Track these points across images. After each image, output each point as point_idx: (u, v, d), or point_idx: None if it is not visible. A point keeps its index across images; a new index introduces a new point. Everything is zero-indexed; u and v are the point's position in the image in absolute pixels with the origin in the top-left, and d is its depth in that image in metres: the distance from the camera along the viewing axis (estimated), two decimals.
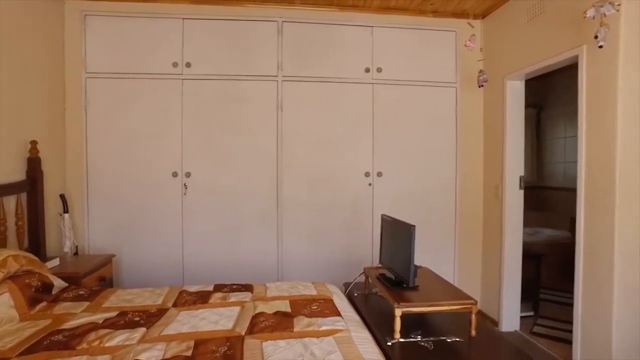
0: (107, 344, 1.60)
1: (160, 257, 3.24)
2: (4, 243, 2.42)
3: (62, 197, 3.02)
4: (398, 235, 2.18)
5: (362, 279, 2.55)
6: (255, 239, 3.34)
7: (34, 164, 2.71)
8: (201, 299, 2.16)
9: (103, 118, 3.18)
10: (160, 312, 1.97)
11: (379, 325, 1.98)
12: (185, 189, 3.26)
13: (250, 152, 3.33)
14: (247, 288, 2.36)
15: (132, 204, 3.22)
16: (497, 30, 3.43)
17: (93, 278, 2.70)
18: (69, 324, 1.79)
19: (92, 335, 1.66)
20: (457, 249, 3.62)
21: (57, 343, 1.60)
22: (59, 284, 2.28)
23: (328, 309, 2.02)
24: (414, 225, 2.02)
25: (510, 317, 3.32)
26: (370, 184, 3.47)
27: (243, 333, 1.74)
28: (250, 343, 1.64)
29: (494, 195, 3.46)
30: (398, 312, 1.85)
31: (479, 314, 2.67)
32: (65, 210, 3.00)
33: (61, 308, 2.01)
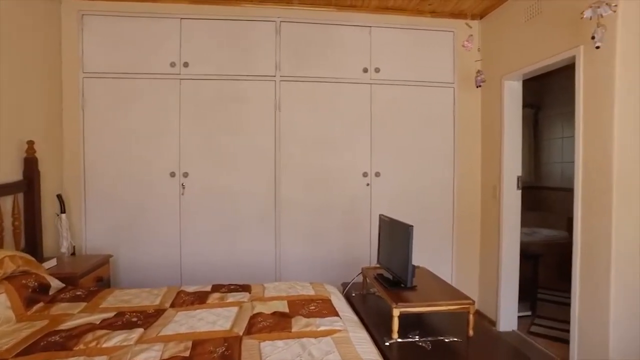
0: (105, 345, 1.60)
1: (157, 258, 3.24)
2: (0, 243, 2.41)
3: (59, 197, 3.01)
4: (396, 236, 2.18)
5: (360, 279, 2.55)
6: (253, 239, 3.34)
7: (30, 164, 2.71)
8: (199, 299, 2.16)
9: (100, 118, 3.18)
10: (158, 313, 1.96)
11: (377, 326, 1.98)
12: (183, 189, 3.25)
13: (248, 152, 3.33)
14: (245, 288, 2.36)
15: (130, 204, 3.21)
16: (495, 31, 3.44)
17: (90, 278, 2.70)
18: (66, 325, 1.79)
19: (90, 336, 1.65)
20: (455, 249, 3.62)
21: (54, 344, 1.59)
22: (56, 284, 2.27)
23: (326, 309, 2.02)
24: (412, 226, 2.02)
25: (508, 317, 3.33)
26: (368, 184, 3.47)
27: (241, 333, 1.74)
28: (248, 343, 1.64)
29: (491, 195, 3.47)
30: (396, 312, 1.85)
31: (477, 313, 2.68)
32: (63, 211, 2.99)
33: (58, 309, 2.00)
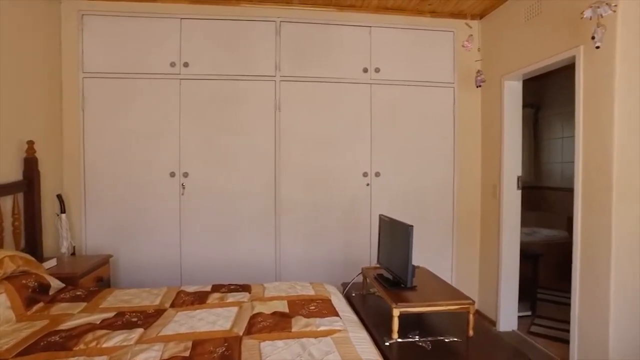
0: (105, 345, 1.60)
1: (157, 258, 3.24)
2: (0, 243, 2.41)
3: (59, 197, 3.01)
4: (396, 236, 2.18)
5: (360, 279, 2.55)
6: (253, 239, 3.34)
7: (30, 164, 2.71)
8: (199, 299, 2.16)
9: (100, 118, 3.18)
10: (158, 313, 1.96)
11: (377, 326, 1.98)
12: (183, 189, 3.25)
13: (247, 153, 3.33)
14: (245, 288, 2.35)
15: (130, 204, 3.21)
16: (495, 31, 3.44)
17: (90, 278, 2.70)
18: (66, 325, 1.79)
19: (90, 336, 1.65)
20: (455, 249, 3.62)
21: (54, 344, 1.59)
22: (56, 284, 2.27)
23: (326, 309, 2.02)
24: (412, 226, 2.02)
25: (508, 317, 3.33)
26: (368, 184, 3.47)
27: (241, 333, 1.74)
28: (248, 343, 1.64)
29: (491, 195, 3.47)
30: (396, 312, 1.85)
31: (477, 313, 2.68)
32: (63, 211, 2.99)
33: (58, 309, 2.00)
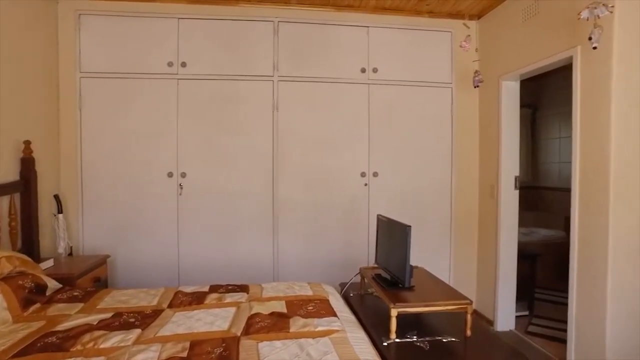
0: (102, 346, 1.59)
1: (155, 258, 3.23)
2: None
3: (56, 198, 3.00)
4: (394, 236, 2.19)
5: (358, 279, 2.56)
6: (251, 239, 3.34)
7: (27, 164, 2.69)
8: (197, 299, 2.16)
9: (98, 118, 3.17)
10: (156, 313, 1.96)
11: (375, 326, 1.98)
12: (181, 189, 3.24)
13: (245, 152, 3.32)
14: (243, 289, 2.35)
15: (127, 204, 3.20)
16: (493, 31, 3.45)
17: (88, 279, 2.69)
18: (63, 326, 1.78)
19: (87, 337, 1.65)
20: (453, 248, 3.63)
21: (51, 345, 1.59)
22: (52, 285, 2.26)
23: (324, 309, 2.01)
24: (410, 226, 2.02)
25: (506, 317, 3.34)
26: (366, 184, 3.47)
27: (239, 334, 1.73)
28: (246, 344, 1.64)
29: (489, 195, 3.48)
30: (394, 312, 1.86)
31: (475, 313, 2.68)
32: (60, 211, 2.98)
33: (55, 309, 1.99)
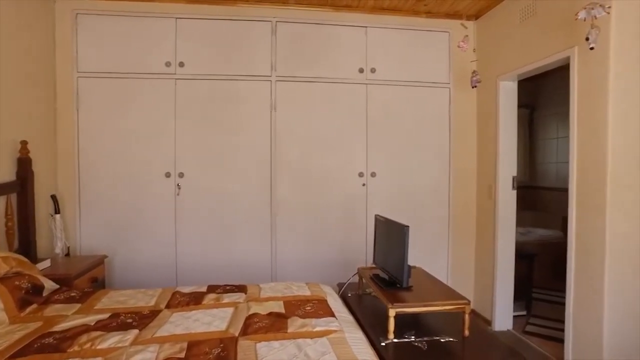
0: (99, 346, 1.59)
1: (153, 258, 3.22)
2: None
3: (53, 198, 2.99)
4: (392, 236, 2.19)
5: (356, 280, 2.55)
6: (248, 239, 3.33)
7: (24, 164, 2.68)
8: (194, 300, 2.15)
9: (95, 118, 3.15)
10: (153, 314, 1.95)
11: (373, 326, 1.99)
12: (179, 189, 3.24)
13: (243, 152, 3.32)
14: (241, 289, 2.35)
15: (125, 204, 3.19)
16: (490, 31, 3.45)
17: (85, 279, 2.68)
18: (60, 327, 1.77)
19: (84, 338, 1.64)
20: (451, 248, 3.63)
21: (48, 346, 1.58)
22: (49, 285, 2.25)
23: (322, 309, 2.01)
24: (408, 226, 2.02)
25: (503, 317, 3.35)
26: (364, 184, 3.47)
27: (237, 334, 1.73)
28: (244, 344, 1.63)
29: (487, 195, 3.48)
30: (392, 313, 1.86)
31: (472, 313, 2.69)
32: (57, 211, 2.97)
33: (52, 310, 1.98)
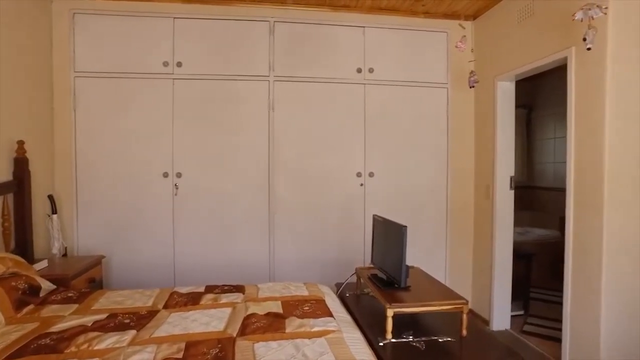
0: (97, 347, 1.58)
1: (150, 258, 3.21)
2: None
3: (51, 198, 2.98)
4: (390, 236, 2.19)
5: (354, 280, 2.56)
6: (246, 239, 3.33)
7: (21, 164, 2.67)
8: (192, 300, 2.15)
9: (92, 118, 3.14)
10: (151, 314, 1.95)
11: (371, 326, 1.99)
12: (176, 189, 3.23)
13: (241, 152, 3.31)
14: (239, 289, 2.34)
15: (123, 204, 3.18)
16: (488, 32, 3.46)
17: (82, 280, 2.67)
18: (57, 327, 1.76)
19: (81, 338, 1.64)
20: (449, 248, 3.64)
21: (45, 347, 1.57)
22: (46, 286, 2.24)
23: (320, 309, 2.01)
24: (406, 226, 2.02)
25: (501, 316, 3.35)
26: (362, 184, 3.47)
27: (235, 334, 1.73)
28: (241, 344, 1.63)
29: (484, 195, 3.49)
30: (390, 313, 1.86)
31: (470, 313, 2.69)
32: (54, 211, 2.96)
33: (49, 311, 1.98)
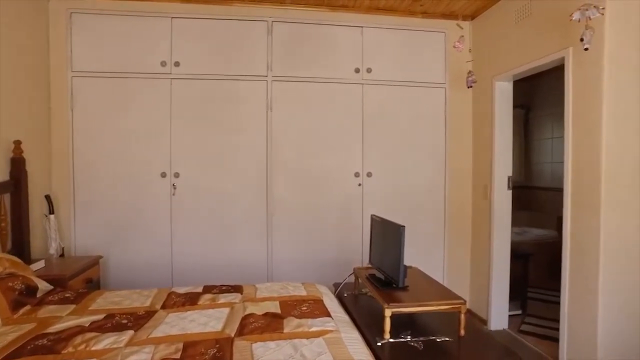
0: (94, 348, 1.58)
1: (148, 259, 3.20)
2: None
3: (48, 198, 2.97)
4: (388, 236, 2.19)
5: (352, 279, 2.56)
6: (244, 239, 3.32)
7: (18, 164, 2.66)
8: (190, 300, 2.14)
9: (90, 117, 3.13)
10: (149, 314, 1.94)
11: (369, 326, 1.99)
12: (174, 189, 3.23)
13: (239, 153, 3.31)
14: (237, 289, 2.34)
15: (120, 204, 3.17)
16: (486, 32, 3.46)
17: (79, 280, 2.66)
18: (54, 328, 1.76)
19: (79, 339, 1.63)
20: (446, 248, 3.64)
21: (42, 347, 1.57)
22: (43, 286, 2.23)
23: (318, 309, 2.01)
24: (404, 226, 2.02)
25: (499, 316, 3.36)
26: (360, 184, 3.47)
27: (232, 334, 1.73)
28: (239, 345, 1.63)
29: (482, 195, 3.50)
30: (388, 313, 1.86)
31: (468, 313, 2.69)
32: (51, 211, 2.95)
33: (46, 311, 1.97)
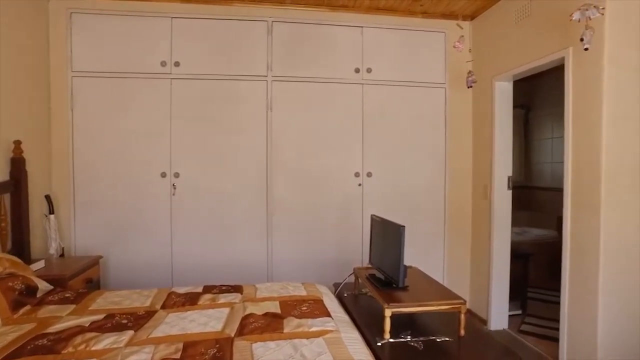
0: (94, 348, 1.58)
1: (148, 259, 3.20)
2: None
3: (48, 198, 2.97)
4: (388, 236, 2.19)
5: (352, 279, 2.56)
6: (244, 239, 3.32)
7: (18, 164, 2.66)
8: (190, 300, 2.14)
9: (90, 117, 3.13)
10: (149, 314, 1.94)
11: (369, 326, 1.99)
12: (174, 189, 3.23)
13: (239, 153, 3.31)
14: (237, 289, 2.34)
15: (120, 204, 3.17)
16: (486, 32, 3.47)
17: (79, 280, 2.66)
18: (54, 328, 1.76)
19: (79, 339, 1.63)
20: (446, 248, 3.64)
21: (42, 347, 1.57)
22: (43, 286, 2.23)
23: (318, 309, 2.01)
24: (404, 226, 2.02)
25: (499, 316, 3.36)
26: (360, 184, 3.47)
27: (232, 334, 1.73)
28: (239, 345, 1.63)
29: (482, 195, 3.50)
30: (388, 313, 1.86)
31: (468, 313, 2.70)
32: (51, 211, 2.95)
33: (46, 311, 1.97)
